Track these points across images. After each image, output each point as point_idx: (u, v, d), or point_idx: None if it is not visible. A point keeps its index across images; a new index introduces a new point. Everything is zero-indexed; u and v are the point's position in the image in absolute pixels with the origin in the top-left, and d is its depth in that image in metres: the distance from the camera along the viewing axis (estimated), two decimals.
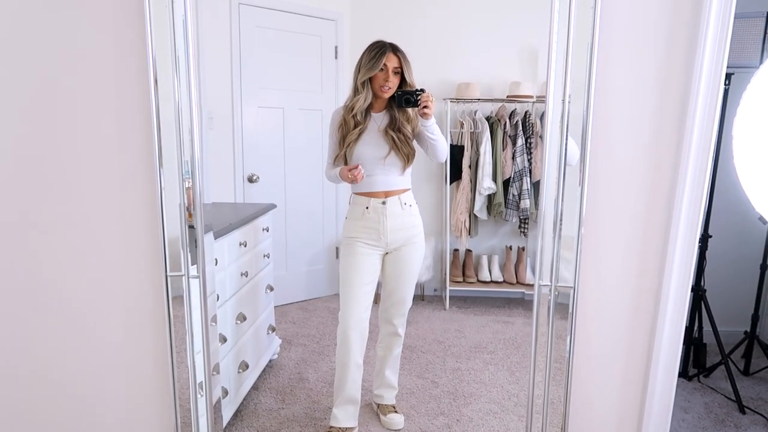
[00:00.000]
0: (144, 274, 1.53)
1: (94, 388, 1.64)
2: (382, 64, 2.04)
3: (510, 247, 3.98)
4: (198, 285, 1.39)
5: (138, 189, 1.49)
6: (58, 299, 1.59)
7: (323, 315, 3.69)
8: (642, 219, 1.52)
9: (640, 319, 1.58)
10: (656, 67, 1.45)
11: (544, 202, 1.42)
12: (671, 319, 1.47)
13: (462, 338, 3.29)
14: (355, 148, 2.11)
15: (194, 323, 1.42)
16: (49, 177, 1.52)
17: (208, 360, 1.42)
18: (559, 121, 1.34)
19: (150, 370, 1.59)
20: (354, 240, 2.15)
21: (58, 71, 1.46)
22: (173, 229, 1.41)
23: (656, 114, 1.47)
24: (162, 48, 1.32)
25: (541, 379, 1.55)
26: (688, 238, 1.44)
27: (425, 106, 2.01)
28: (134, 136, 1.46)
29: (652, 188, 1.51)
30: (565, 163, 1.38)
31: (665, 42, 1.43)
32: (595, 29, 1.32)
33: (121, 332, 1.60)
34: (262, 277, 2.71)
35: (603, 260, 1.55)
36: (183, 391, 1.49)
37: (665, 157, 1.48)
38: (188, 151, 1.36)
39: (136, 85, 1.42)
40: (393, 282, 2.23)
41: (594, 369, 1.63)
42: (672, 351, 1.48)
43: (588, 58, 1.33)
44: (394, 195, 2.13)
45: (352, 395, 2.22)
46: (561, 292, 1.47)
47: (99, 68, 1.45)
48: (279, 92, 3.71)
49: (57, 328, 1.61)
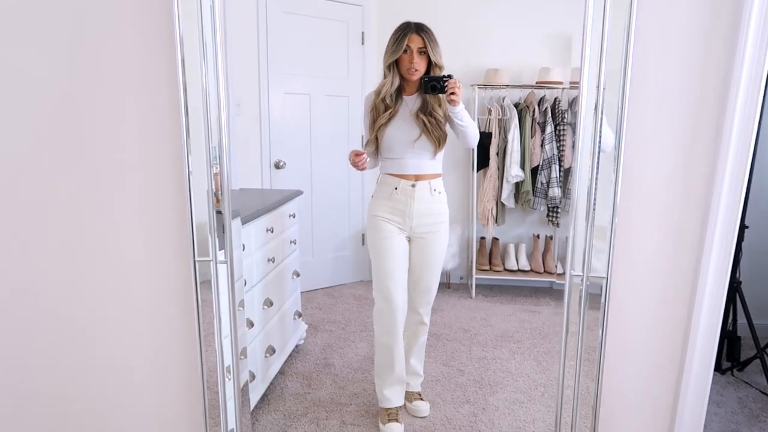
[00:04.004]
0: (172, 259, 1.55)
1: (122, 372, 1.67)
2: (405, 45, 2.00)
3: (537, 236, 3.92)
4: (225, 270, 1.40)
5: (166, 174, 1.50)
6: (85, 285, 1.61)
7: (349, 301, 3.70)
8: (678, 208, 1.48)
9: (675, 310, 1.54)
10: (695, 55, 1.39)
11: (576, 190, 1.38)
12: (708, 311, 1.43)
13: (488, 327, 3.27)
14: (386, 132, 2.09)
15: (222, 308, 1.43)
16: (76, 163, 1.53)
17: (235, 344, 1.43)
18: (592, 107, 1.30)
19: (178, 354, 1.61)
20: (380, 219, 2.13)
21: (83, 58, 1.47)
22: (201, 214, 1.41)
23: (694, 102, 1.42)
24: (190, 33, 1.32)
25: (571, 370, 1.52)
26: (727, 229, 1.39)
27: (452, 92, 1.96)
28: (162, 122, 1.46)
29: (688, 178, 1.46)
30: (599, 150, 1.33)
31: (705, 29, 1.38)
32: (632, 14, 1.27)
33: (149, 317, 1.62)
34: (289, 263, 2.72)
35: (636, 250, 1.51)
36: (211, 374, 1.50)
37: (703, 145, 1.43)
38: (216, 137, 1.35)
39: (164, 70, 1.42)
40: (418, 271, 2.20)
41: (626, 361, 1.59)
42: (708, 344, 1.44)
43: (624, 43, 1.28)
44: (424, 179, 2.11)
45: (400, 374, 2.24)
46: (592, 282, 1.43)
47: (125, 53, 1.45)
48: (305, 78, 3.71)
49: (84, 312, 1.63)
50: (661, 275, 1.52)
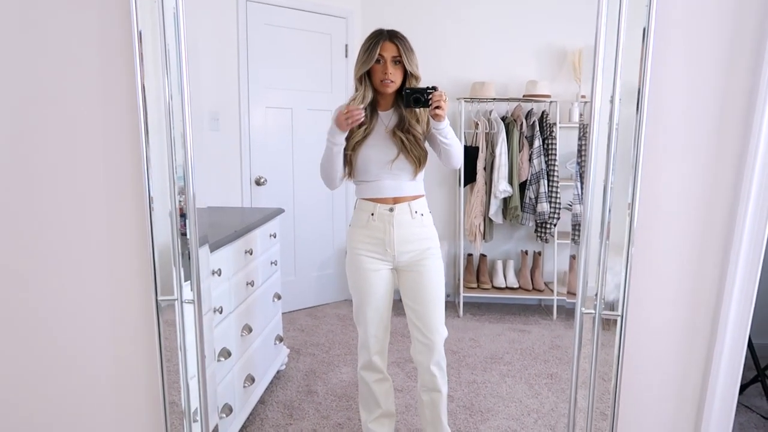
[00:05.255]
0: (134, 296, 1.40)
1: (82, 419, 1.52)
2: (377, 54, 1.80)
3: (526, 252, 3.83)
4: (193, 310, 1.25)
5: (127, 201, 1.35)
6: (40, 321, 1.47)
7: (332, 322, 3.57)
8: (699, 227, 1.37)
9: (695, 348, 1.43)
10: (717, 67, 1.30)
11: (588, 212, 1.25)
12: (731, 347, 1.31)
13: (477, 348, 3.15)
14: (360, 152, 1.87)
15: (188, 343, 1.29)
16: (32, 184, 1.40)
17: (204, 393, 1.28)
18: (605, 121, 1.18)
19: (143, 396, 1.46)
20: (358, 251, 1.92)
21: (35, 66, 1.34)
22: (165, 239, 1.27)
23: (716, 116, 1.32)
24: (152, 44, 1.20)
25: (582, 413, 1.39)
26: (752, 253, 1.27)
27: (437, 106, 1.75)
28: (120, 135, 1.33)
29: (710, 198, 1.36)
30: (611, 168, 1.21)
31: (730, 41, 1.28)
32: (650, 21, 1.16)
33: (112, 356, 1.47)
34: (270, 285, 2.59)
35: (654, 276, 1.39)
36: (176, 425, 1.36)
37: (726, 162, 1.33)
38: (180, 153, 1.22)
39: (124, 80, 1.30)
40: (412, 311, 1.94)
41: (642, 402, 1.48)
42: (731, 379, 1.32)
43: (642, 54, 1.16)
44: (403, 201, 1.88)
45: (388, 409, 2.06)
46: (606, 318, 1.30)
47: (83, 61, 1.33)
48: (287, 92, 3.60)
49: (39, 354, 1.49)
50: (682, 307, 1.41)
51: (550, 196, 3.54)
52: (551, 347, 3.19)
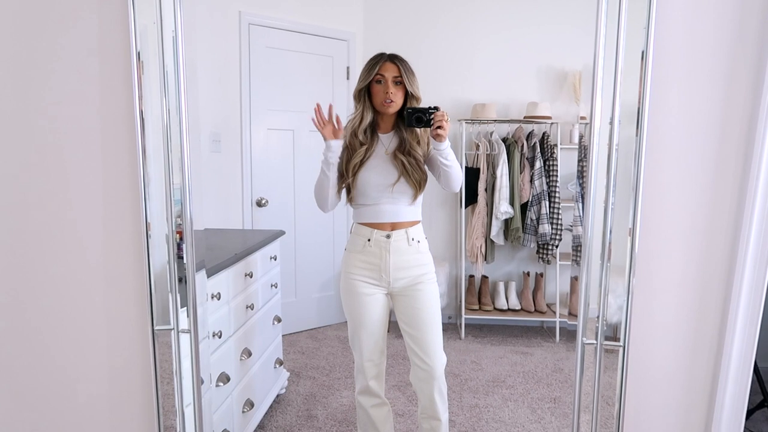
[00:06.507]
0: (130, 322, 1.39)
1: None
2: (377, 73, 1.82)
3: (528, 274, 3.81)
4: (189, 340, 1.23)
5: (125, 230, 1.34)
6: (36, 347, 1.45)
7: (333, 344, 3.53)
8: (702, 249, 1.36)
9: (700, 372, 1.41)
10: (716, 90, 1.30)
11: (589, 234, 1.23)
12: (736, 371, 1.29)
13: (479, 371, 3.11)
14: (360, 175, 1.85)
15: (184, 372, 1.27)
16: (28, 207, 1.39)
17: (200, 421, 1.26)
18: (605, 143, 1.17)
19: (138, 426, 1.44)
20: (352, 276, 1.90)
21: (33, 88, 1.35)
22: (161, 263, 1.26)
23: (716, 138, 1.31)
24: (151, 68, 1.20)
25: None
26: (757, 272, 1.25)
27: (439, 126, 1.74)
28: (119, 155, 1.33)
29: (712, 219, 1.35)
30: (612, 192, 1.20)
31: (727, 64, 1.28)
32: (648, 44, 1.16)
33: (108, 383, 1.45)
34: (270, 308, 2.57)
35: (657, 300, 1.37)
36: None
37: (728, 183, 1.33)
38: (178, 176, 1.21)
39: (123, 104, 1.30)
40: (409, 336, 1.91)
41: (647, 427, 1.44)
42: (737, 403, 1.30)
43: (641, 76, 1.16)
44: (401, 228, 1.86)
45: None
46: (608, 348, 1.27)
47: (82, 83, 1.33)
48: (289, 114, 3.61)
49: (34, 379, 1.47)
50: (686, 328, 1.39)
51: (552, 218, 3.53)
52: (554, 370, 3.14)
